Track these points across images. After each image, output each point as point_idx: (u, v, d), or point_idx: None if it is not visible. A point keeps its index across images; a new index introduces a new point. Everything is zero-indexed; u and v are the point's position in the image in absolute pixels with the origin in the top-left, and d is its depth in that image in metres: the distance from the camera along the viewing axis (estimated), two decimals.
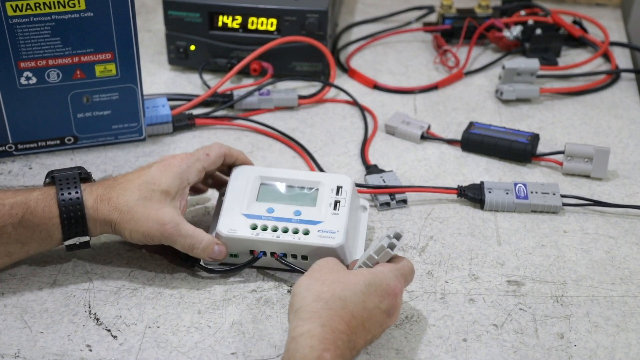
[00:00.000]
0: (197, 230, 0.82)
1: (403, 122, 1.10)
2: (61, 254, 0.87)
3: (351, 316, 0.71)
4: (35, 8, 0.92)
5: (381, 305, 0.73)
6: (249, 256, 0.84)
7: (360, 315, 0.71)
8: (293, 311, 0.72)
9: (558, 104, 1.19)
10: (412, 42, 1.35)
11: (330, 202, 0.86)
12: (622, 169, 1.05)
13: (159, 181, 0.82)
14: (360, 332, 0.71)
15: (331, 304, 0.71)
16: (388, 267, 0.77)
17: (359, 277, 0.74)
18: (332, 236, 0.82)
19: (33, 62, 0.95)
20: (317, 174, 0.92)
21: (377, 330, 0.74)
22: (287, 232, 0.83)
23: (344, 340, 0.69)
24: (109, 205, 0.80)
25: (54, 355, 0.76)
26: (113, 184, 0.82)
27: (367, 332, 0.72)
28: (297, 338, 0.68)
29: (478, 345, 0.78)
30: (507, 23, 1.31)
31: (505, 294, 0.84)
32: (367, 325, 0.72)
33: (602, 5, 1.46)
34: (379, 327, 0.74)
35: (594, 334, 0.80)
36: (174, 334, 0.78)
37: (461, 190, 0.97)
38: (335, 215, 0.84)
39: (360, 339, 0.72)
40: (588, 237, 0.93)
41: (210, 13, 1.17)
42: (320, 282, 0.73)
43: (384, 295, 0.74)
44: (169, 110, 1.08)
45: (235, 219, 0.84)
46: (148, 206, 0.80)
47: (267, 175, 0.89)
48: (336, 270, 0.75)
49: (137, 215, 0.80)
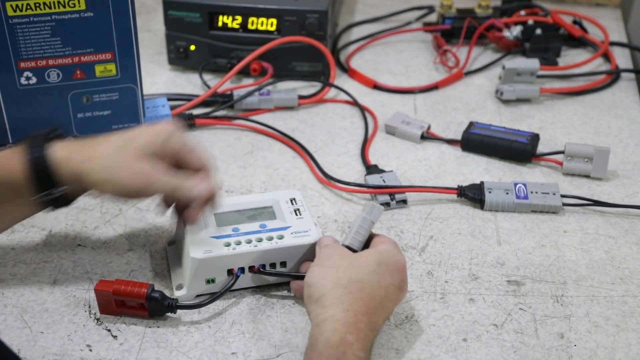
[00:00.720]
0: (178, 175, 0.77)
1: (403, 122, 1.10)
2: (61, 254, 0.87)
3: (370, 298, 0.72)
4: (35, 8, 0.92)
5: (394, 282, 0.75)
6: (226, 278, 0.82)
7: (378, 295, 0.73)
8: (314, 301, 0.73)
9: (558, 104, 1.19)
10: (412, 42, 1.35)
11: (290, 211, 0.85)
12: (622, 169, 1.05)
13: (139, 137, 0.76)
14: (380, 311, 0.73)
15: (350, 288, 0.72)
16: (388, 243, 0.78)
17: (369, 258, 0.75)
18: (306, 234, 0.82)
19: (33, 62, 0.95)
20: (266, 194, 0.89)
21: (393, 306, 0.76)
22: (261, 241, 0.82)
23: (366, 322, 0.71)
24: (81, 155, 0.75)
25: (54, 355, 0.76)
26: (90, 140, 0.77)
27: (385, 311, 0.74)
28: (320, 324, 0.70)
29: (478, 345, 0.78)
30: (507, 23, 1.31)
31: (505, 294, 0.84)
32: (385, 303, 0.74)
33: (602, 5, 1.46)
34: (394, 303, 0.76)
35: (594, 334, 0.80)
36: (174, 334, 0.78)
37: (461, 190, 0.97)
38: (301, 219, 0.84)
39: (379, 319, 0.74)
40: (588, 237, 0.93)
41: (210, 13, 1.17)
42: (334, 268, 0.74)
43: (395, 271, 0.76)
44: (169, 110, 1.08)
45: (206, 243, 0.81)
46: (125, 155, 0.75)
47: None
48: (345, 255, 0.76)
49: (110, 164, 0.74)
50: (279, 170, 1.03)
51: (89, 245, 0.89)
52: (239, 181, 1.01)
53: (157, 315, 0.80)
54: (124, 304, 0.79)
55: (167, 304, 0.78)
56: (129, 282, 0.79)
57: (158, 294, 0.78)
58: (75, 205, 0.95)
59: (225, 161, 1.04)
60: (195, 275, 0.80)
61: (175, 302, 0.79)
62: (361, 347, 0.69)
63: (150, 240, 0.90)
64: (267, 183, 1.01)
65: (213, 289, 0.82)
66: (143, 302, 0.78)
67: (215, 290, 0.81)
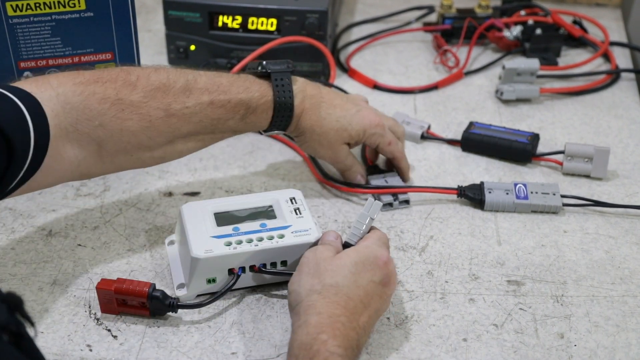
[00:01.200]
0: (356, 162, 0.98)
1: (403, 122, 1.10)
2: (61, 253, 0.87)
3: (347, 298, 0.72)
4: (35, 8, 0.92)
5: (374, 279, 0.75)
6: (227, 277, 0.82)
7: (356, 295, 0.73)
8: (292, 309, 0.74)
9: (558, 104, 1.19)
10: (412, 42, 1.35)
11: (290, 210, 0.86)
12: (622, 169, 1.05)
13: (350, 127, 0.94)
14: (361, 310, 0.73)
15: (324, 294, 0.72)
16: (370, 239, 0.79)
17: (345, 260, 0.75)
18: (307, 233, 0.83)
19: (33, 62, 0.95)
20: (266, 194, 0.89)
21: (378, 302, 0.75)
22: (262, 240, 0.82)
23: (343, 322, 0.70)
24: (308, 121, 0.91)
25: (54, 355, 0.76)
26: (319, 102, 0.93)
27: (367, 308, 0.74)
28: (295, 331, 0.70)
29: (478, 345, 0.78)
30: (507, 23, 1.31)
31: (505, 294, 0.84)
32: (366, 300, 0.74)
33: (602, 5, 1.46)
34: (378, 299, 0.75)
35: (594, 334, 0.80)
36: (174, 334, 0.78)
37: (461, 190, 0.97)
38: (301, 218, 0.84)
39: (362, 316, 0.73)
40: (588, 237, 0.93)
41: (210, 13, 1.17)
42: (310, 275, 0.75)
43: (375, 268, 0.75)
44: None
45: (206, 242, 0.81)
46: (333, 140, 0.93)
47: (217, 204, 0.86)
48: (323, 259, 0.76)
49: (322, 142, 0.93)
50: (279, 170, 1.03)
51: (89, 245, 0.89)
52: (239, 181, 1.01)
53: (158, 315, 0.80)
54: (125, 303, 0.79)
55: (168, 303, 0.79)
56: (130, 281, 0.79)
57: (159, 293, 0.78)
58: (75, 205, 0.95)
59: (226, 161, 1.04)
60: (196, 275, 0.80)
61: (176, 301, 0.79)
62: (338, 344, 0.68)
63: (150, 240, 0.90)
64: (267, 183, 1.01)
65: (214, 289, 0.82)
66: (144, 301, 0.78)
67: (215, 289, 0.81)
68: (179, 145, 0.86)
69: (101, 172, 0.84)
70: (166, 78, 0.82)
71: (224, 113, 0.86)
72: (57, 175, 0.78)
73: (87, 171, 0.81)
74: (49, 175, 0.77)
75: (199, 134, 0.86)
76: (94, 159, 0.80)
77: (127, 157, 0.83)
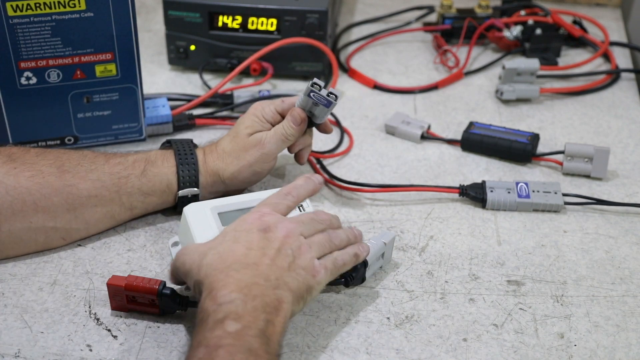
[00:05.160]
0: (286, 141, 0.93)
1: (403, 122, 1.10)
2: (61, 254, 0.87)
3: (237, 280, 0.70)
4: (35, 8, 0.92)
5: (252, 231, 0.74)
6: None
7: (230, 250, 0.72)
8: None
9: (558, 104, 1.19)
10: (412, 42, 1.35)
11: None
12: (622, 169, 1.05)
13: (240, 123, 0.93)
14: (256, 289, 0.70)
15: (197, 289, 0.72)
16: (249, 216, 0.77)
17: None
18: None
19: (33, 62, 0.95)
20: (267, 192, 0.88)
21: (275, 270, 0.72)
22: None
23: (237, 304, 0.67)
24: (213, 156, 0.92)
25: (54, 355, 0.76)
26: (214, 141, 0.95)
27: (258, 275, 0.71)
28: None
29: (478, 345, 0.78)
30: (507, 23, 1.31)
31: (505, 294, 0.84)
32: (253, 270, 0.71)
33: (602, 5, 1.47)
34: (264, 256, 0.72)
35: (594, 334, 0.80)
36: (174, 334, 0.78)
37: (463, 189, 0.97)
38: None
39: (259, 287, 0.70)
40: (588, 237, 0.93)
41: (210, 13, 1.17)
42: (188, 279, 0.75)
43: (239, 235, 0.74)
44: (169, 111, 1.08)
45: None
46: (239, 142, 0.91)
47: (219, 204, 0.86)
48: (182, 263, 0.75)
49: (235, 153, 0.91)
50: (279, 170, 1.03)
51: (89, 245, 0.89)
52: None
53: (168, 313, 0.80)
54: (135, 300, 0.79)
55: (178, 301, 0.79)
56: (142, 278, 0.79)
57: (169, 291, 0.78)
58: None
59: None
60: None
61: (186, 299, 0.79)
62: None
63: (150, 240, 0.90)
64: (267, 183, 1.01)
65: None
66: (154, 298, 0.78)
67: None
68: (86, 214, 0.86)
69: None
70: (59, 151, 0.88)
71: (122, 169, 0.87)
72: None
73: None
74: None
75: (102, 197, 0.86)
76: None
77: (26, 225, 0.83)
